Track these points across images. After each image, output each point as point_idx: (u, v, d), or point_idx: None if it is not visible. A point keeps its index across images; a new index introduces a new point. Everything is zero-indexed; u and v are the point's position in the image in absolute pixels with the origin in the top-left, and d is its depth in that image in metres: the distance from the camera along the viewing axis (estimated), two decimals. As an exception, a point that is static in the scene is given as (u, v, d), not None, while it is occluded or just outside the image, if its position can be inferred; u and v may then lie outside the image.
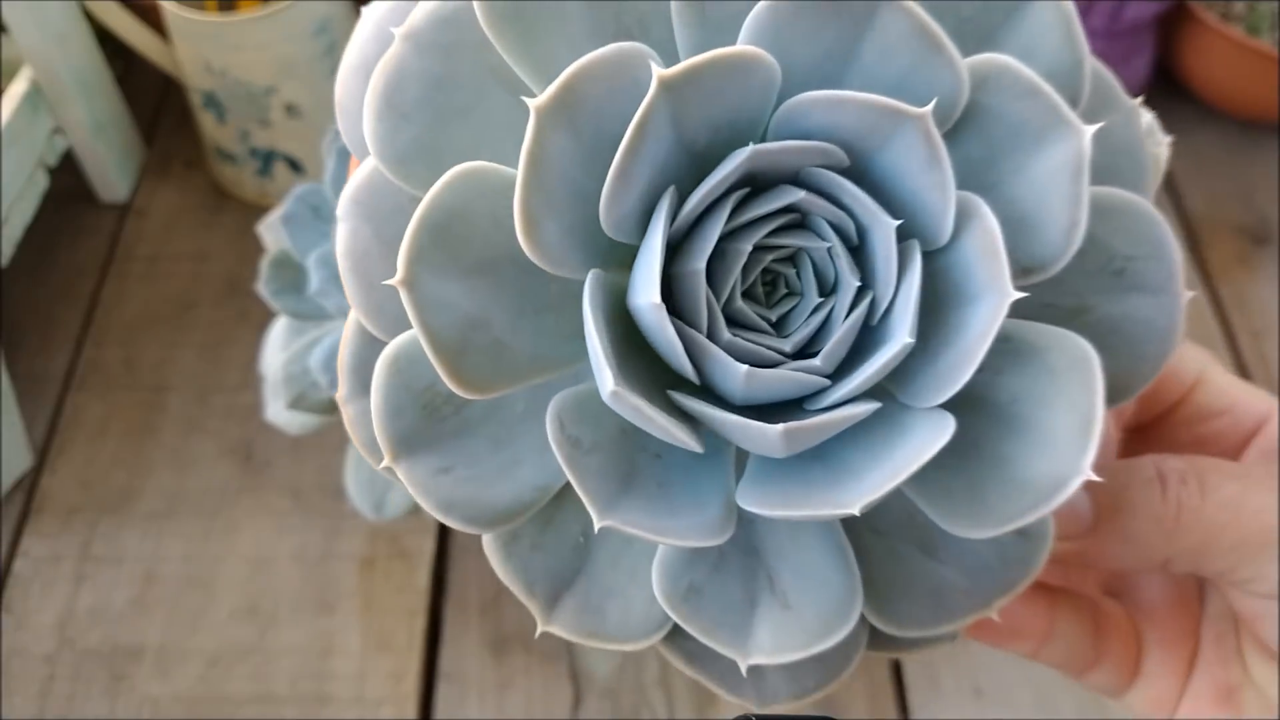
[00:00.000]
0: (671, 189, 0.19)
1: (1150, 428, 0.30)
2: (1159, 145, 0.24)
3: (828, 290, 0.20)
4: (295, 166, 0.66)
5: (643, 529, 0.19)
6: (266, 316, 0.47)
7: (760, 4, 0.19)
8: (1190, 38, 0.69)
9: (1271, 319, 0.63)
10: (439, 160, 0.19)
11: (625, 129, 0.18)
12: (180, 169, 0.72)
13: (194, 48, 0.61)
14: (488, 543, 0.21)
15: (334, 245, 0.21)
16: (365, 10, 0.22)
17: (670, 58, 0.20)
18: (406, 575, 0.54)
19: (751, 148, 0.19)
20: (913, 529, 0.22)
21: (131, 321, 0.64)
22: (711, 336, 0.20)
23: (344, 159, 0.39)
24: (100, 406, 0.60)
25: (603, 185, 0.18)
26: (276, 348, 0.44)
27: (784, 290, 0.21)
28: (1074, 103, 0.20)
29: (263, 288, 0.40)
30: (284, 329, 0.44)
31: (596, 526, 0.18)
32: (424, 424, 0.20)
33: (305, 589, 0.53)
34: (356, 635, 0.52)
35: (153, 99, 0.76)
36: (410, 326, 0.19)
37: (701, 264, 0.19)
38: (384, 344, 0.20)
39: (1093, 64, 0.21)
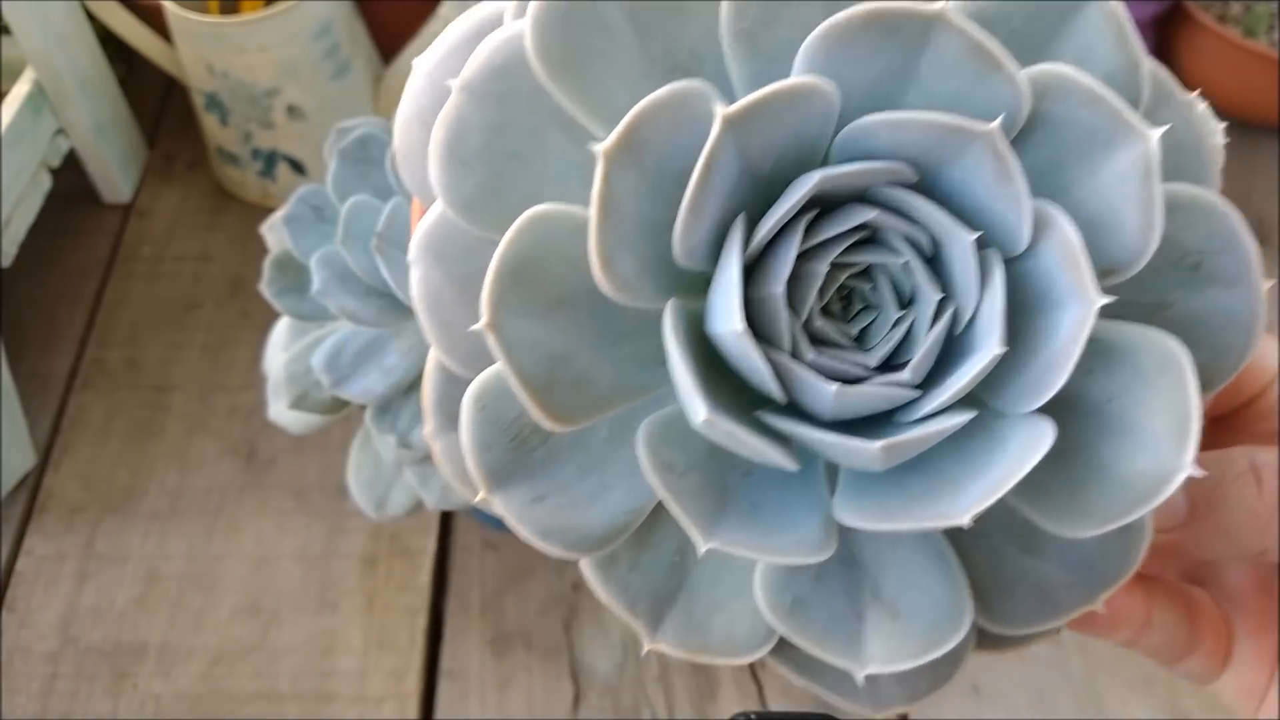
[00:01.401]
0: (741, 216, 0.20)
1: (1228, 419, 0.30)
2: (1214, 134, 0.24)
3: (905, 303, 0.21)
4: (298, 168, 0.66)
5: (746, 549, 0.19)
6: (269, 317, 0.47)
7: (814, 33, 0.19)
8: (1187, 39, 0.69)
9: (1271, 319, 0.63)
10: (505, 203, 0.20)
11: (690, 163, 0.18)
12: (183, 170, 0.72)
13: (196, 49, 0.61)
14: (586, 567, 0.21)
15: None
16: (415, 63, 0.22)
17: (726, 89, 0.20)
18: (408, 574, 0.54)
19: (820, 173, 0.19)
20: (1012, 529, 0.22)
21: (134, 321, 0.64)
22: (795, 356, 0.20)
23: (345, 160, 0.39)
24: (103, 406, 0.60)
25: (671, 217, 0.19)
26: (279, 347, 0.44)
27: (860, 305, 0.21)
28: (1135, 104, 0.20)
29: (265, 288, 0.40)
30: (286, 329, 0.44)
31: (701, 550, 0.19)
32: (514, 456, 0.21)
33: (307, 587, 0.54)
34: (358, 633, 0.52)
35: (156, 100, 0.76)
36: (490, 362, 0.20)
37: (780, 287, 0.19)
38: (465, 380, 0.21)
39: (1150, 63, 0.21)
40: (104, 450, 0.59)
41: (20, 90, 0.61)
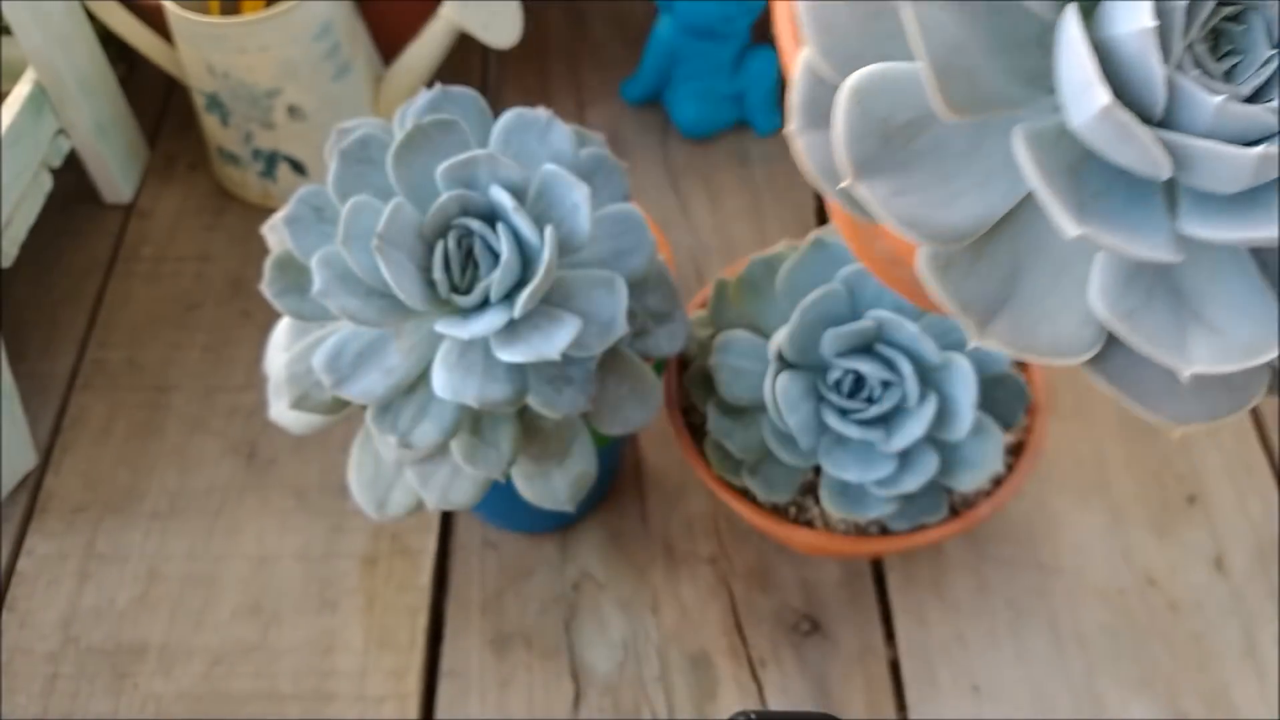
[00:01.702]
0: None
1: None
2: None
3: (1275, 44, 0.22)
4: (298, 168, 0.67)
5: (1111, 238, 0.22)
6: (269, 317, 0.47)
7: None
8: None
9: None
10: None
11: None
12: (184, 170, 0.72)
13: (197, 50, 0.62)
14: (923, 265, 0.24)
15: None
16: None
17: None
18: (409, 573, 0.54)
19: None
20: None
21: (135, 322, 0.64)
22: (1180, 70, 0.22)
23: (346, 160, 0.39)
24: (104, 406, 0.61)
25: None
26: (280, 348, 0.44)
27: (1227, 46, 0.23)
28: None
29: (266, 288, 0.40)
30: (287, 329, 0.44)
31: (1071, 233, 0.21)
32: (881, 150, 0.23)
33: (308, 587, 0.54)
34: (359, 633, 0.52)
35: (156, 101, 0.76)
36: (867, 63, 0.23)
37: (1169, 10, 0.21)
38: (831, 85, 0.23)
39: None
40: (105, 450, 0.59)
41: (21, 90, 0.61)
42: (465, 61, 0.78)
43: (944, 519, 0.45)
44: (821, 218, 0.69)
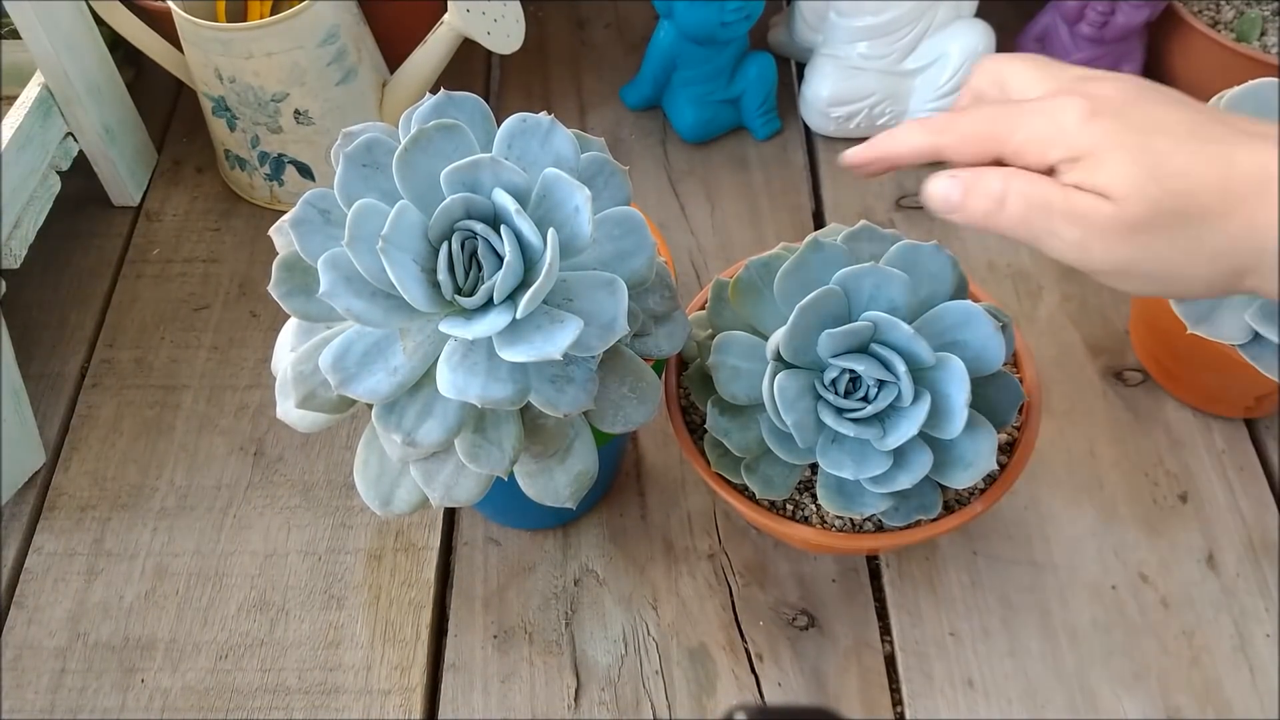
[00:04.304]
0: None
1: None
2: None
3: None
4: (305, 171, 0.67)
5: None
6: (276, 318, 0.48)
7: None
8: (1179, 43, 0.70)
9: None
10: None
11: None
12: (191, 173, 0.73)
13: (204, 55, 0.62)
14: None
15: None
16: None
17: None
18: (413, 569, 0.55)
19: None
20: None
21: (144, 322, 0.65)
22: None
23: (351, 164, 0.40)
24: (113, 405, 0.61)
25: None
26: (287, 348, 0.45)
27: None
28: None
29: (273, 289, 0.41)
30: (294, 329, 0.45)
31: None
32: None
33: (314, 583, 0.54)
34: (364, 628, 0.53)
35: (165, 104, 0.77)
36: None
37: None
38: None
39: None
40: (113, 449, 0.60)
41: (29, 94, 0.62)
42: (469, 67, 0.78)
43: (938, 516, 0.46)
44: (818, 220, 0.70)
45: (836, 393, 0.43)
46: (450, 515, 0.57)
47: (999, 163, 0.36)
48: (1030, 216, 0.35)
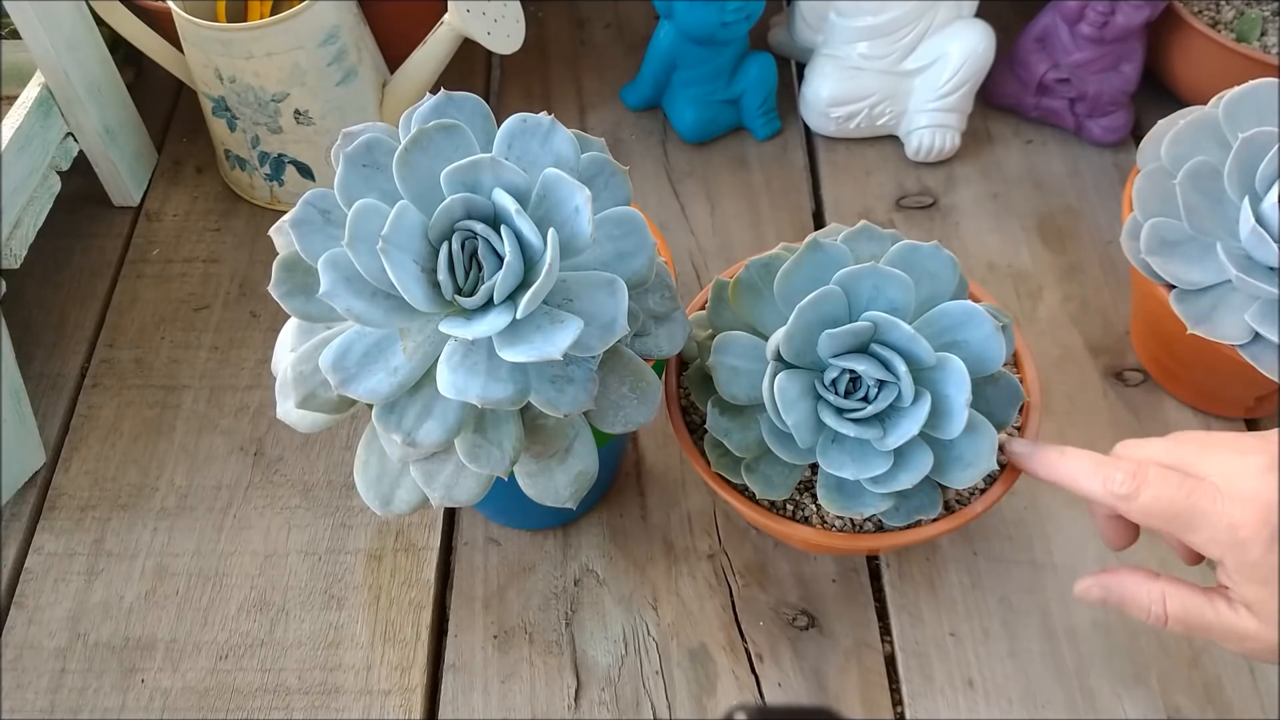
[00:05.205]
0: None
1: None
2: None
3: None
4: (305, 172, 0.67)
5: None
6: (276, 318, 0.48)
7: None
8: (1179, 44, 0.70)
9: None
10: None
11: None
12: (192, 173, 0.73)
13: (204, 55, 0.62)
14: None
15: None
16: None
17: None
18: (413, 569, 0.55)
19: None
20: None
21: (144, 322, 0.65)
22: None
23: (351, 164, 0.40)
24: (113, 405, 0.61)
25: None
26: (287, 348, 0.45)
27: None
28: None
29: (274, 290, 0.41)
30: (294, 329, 0.45)
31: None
32: None
33: (314, 583, 0.54)
34: (364, 628, 0.53)
35: (165, 105, 0.77)
36: None
37: None
38: None
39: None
40: (113, 449, 0.60)
41: (29, 94, 0.62)
42: (469, 67, 0.79)
43: (938, 516, 0.46)
44: (818, 220, 0.70)
45: (837, 393, 0.43)
46: (450, 515, 0.57)
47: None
48: (1189, 631, 0.41)
